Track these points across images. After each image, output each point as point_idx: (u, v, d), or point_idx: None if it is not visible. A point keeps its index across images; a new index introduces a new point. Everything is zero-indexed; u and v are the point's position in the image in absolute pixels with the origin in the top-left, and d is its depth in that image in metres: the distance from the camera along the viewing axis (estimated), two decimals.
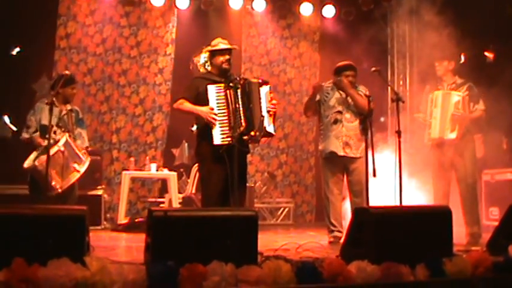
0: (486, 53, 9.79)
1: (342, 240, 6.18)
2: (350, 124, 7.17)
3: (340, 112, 7.19)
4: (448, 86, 7.49)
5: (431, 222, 4.68)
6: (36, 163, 6.76)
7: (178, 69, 11.08)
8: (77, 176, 7.07)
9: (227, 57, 6.11)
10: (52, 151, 6.65)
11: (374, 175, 6.38)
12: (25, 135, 7.15)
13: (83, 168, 7.14)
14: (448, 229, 4.68)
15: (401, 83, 12.10)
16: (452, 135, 7.22)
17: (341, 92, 7.26)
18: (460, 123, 7.20)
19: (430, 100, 7.47)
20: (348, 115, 7.18)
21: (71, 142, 7.10)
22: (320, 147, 7.42)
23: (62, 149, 6.85)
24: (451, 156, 7.32)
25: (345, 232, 5.43)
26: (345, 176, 7.31)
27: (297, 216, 11.86)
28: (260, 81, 6.08)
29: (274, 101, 6.12)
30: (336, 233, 7.12)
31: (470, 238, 7.04)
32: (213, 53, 6.17)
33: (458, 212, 7.05)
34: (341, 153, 7.13)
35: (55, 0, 10.72)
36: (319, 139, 7.50)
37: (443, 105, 7.29)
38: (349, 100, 7.21)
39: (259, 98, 5.93)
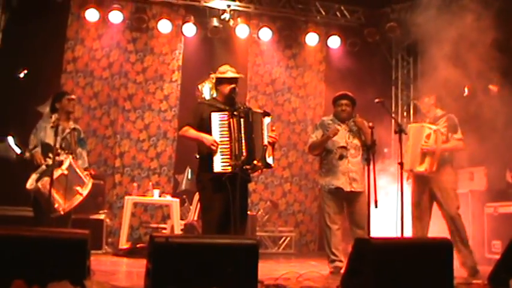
0: (490, 86, 9.81)
1: (342, 271, 6.11)
2: (355, 159, 7.27)
3: (344, 147, 7.27)
4: (428, 120, 7.51)
5: (431, 254, 4.68)
6: (40, 185, 6.79)
7: (185, 96, 11.15)
8: (80, 198, 7.11)
9: (234, 86, 6.10)
10: (56, 174, 6.69)
11: (376, 206, 6.37)
12: (26, 154, 7.22)
13: (85, 191, 7.18)
14: (448, 261, 4.68)
15: (405, 114, 12.16)
16: (421, 168, 7.14)
17: (343, 126, 7.36)
18: (430, 156, 7.12)
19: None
20: (352, 150, 7.29)
21: (74, 164, 7.14)
22: (322, 181, 7.44)
23: (66, 172, 6.89)
24: (429, 188, 7.28)
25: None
26: (346, 208, 7.36)
27: (301, 246, 11.82)
28: (263, 112, 6.11)
29: (275, 133, 6.13)
30: (337, 263, 7.13)
31: (470, 270, 6.96)
32: (221, 81, 6.17)
33: None
34: (348, 189, 7.21)
35: (64, 24, 10.84)
36: (320, 172, 7.53)
37: (415, 138, 7.25)
38: (351, 135, 7.32)
39: (262, 129, 5.96)
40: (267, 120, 6.05)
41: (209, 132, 5.80)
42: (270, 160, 5.98)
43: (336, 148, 7.28)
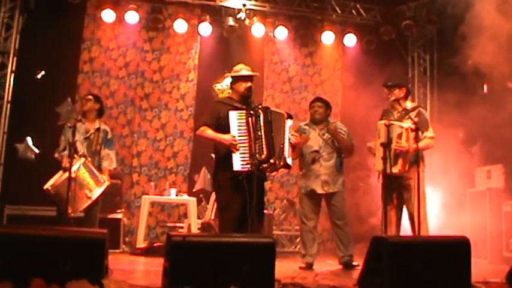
0: (509, 84, 9.72)
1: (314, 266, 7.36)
2: (327, 162, 7.68)
3: (317, 151, 7.67)
4: (397, 114, 7.24)
5: (449, 253, 4.67)
6: (49, 187, 6.85)
7: (201, 96, 11.16)
8: (88, 201, 7.10)
9: (249, 84, 6.13)
10: (64, 176, 6.78)
11: None
12: (55, 155, 7.35)
13: (95, 194, 7.16)
14: (466, 260, 4.67)
15: None
16: (395, 170, 6.80)
17: (317, 131, 7.74)
18: (403, 157, 6.81)
19: (377, 127, 7.07)
20: (324, 154, 7.68)
21: (89, 166, 7.17)
22: (300, 184, 7.96)
23: (73, 175, 6.86)
24: (398, 186, 7.08)
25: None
26: (326, 206, 7.86)
27: (318, 244, 11.76)
28: (286, 114, 6.16)
29: (296, 135, 6.22)
30: (308, 258, 7.65)
31: None
32: (235, 79, 6.21)
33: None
34: (320, 191, 7.65)
35: (80, 25, 10.90)
36: (300, 175, 8.00)
37: (386, 137, 6.82)
38: (324, 140, 7.69)
39: (284, 130, 5.98)
40: (289, 122, 6.10)
41: (227, 131, 5.81)
42: (289, 161, 6.00)
43: (309, 152, 7.71)
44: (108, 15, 10.85)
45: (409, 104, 7.37)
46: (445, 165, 9.15)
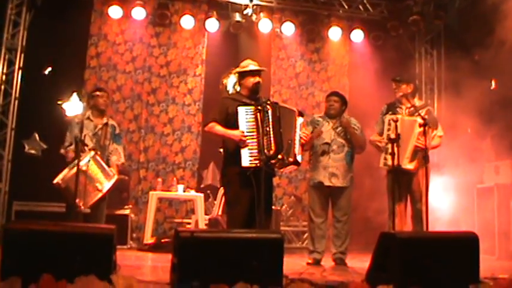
0: None
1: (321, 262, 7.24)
2: (336, 155, 7.57)
3: (328, 144, 7.58)
4: (406, 109, 7.26)
5: (457, 248, 4.66)
6: (59, 180, 6.85)
7: (209, 90, 11.14)
8: (99, 194, 7.10)
9: (257, 78, 6.12)
10: (73, 170, 6.78)
11: None
12: (61, 150, 7.35)
13: (106, 186, 7.16)
14: (474, 255, 4.66)
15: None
16: (410, 166, 6.88)
17: (331, 124, 7.64)
18: (420, 153, 6.84)
19: (388, 123, 7.06)
20: (335, 147, 7.58)
21: (99, 160, 7.18)
22: (309, 176, 7.92)
23: (84, 168, 6.87)
24: (407, 182, 7.09)
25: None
26: (330, 202, 7.71)
27: (326, 240, 11.77)
28: (297, 111, 6.19)
29: (306, 132, 6.24)
30: (315, 255, 7.58)
31: None
32: (243, 74, 6.19)
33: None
34: (327, 183, 7.53)
35: (87, 21, 10.91)
36: (309, 167, 7.91)
37: (405, 132, 6.77)
38: (337, 133, 7.61)
39: (295, 126, 6.01)
40: (300, 120, 6.14)
41: (236, 127, 5.80)
42: (299, 158, 6.02)
43: (320, 144, 7.60)
44: (114, 12, 10.87)
45: (417, 102, 7.39)
46: (454, 161, 9.12)
